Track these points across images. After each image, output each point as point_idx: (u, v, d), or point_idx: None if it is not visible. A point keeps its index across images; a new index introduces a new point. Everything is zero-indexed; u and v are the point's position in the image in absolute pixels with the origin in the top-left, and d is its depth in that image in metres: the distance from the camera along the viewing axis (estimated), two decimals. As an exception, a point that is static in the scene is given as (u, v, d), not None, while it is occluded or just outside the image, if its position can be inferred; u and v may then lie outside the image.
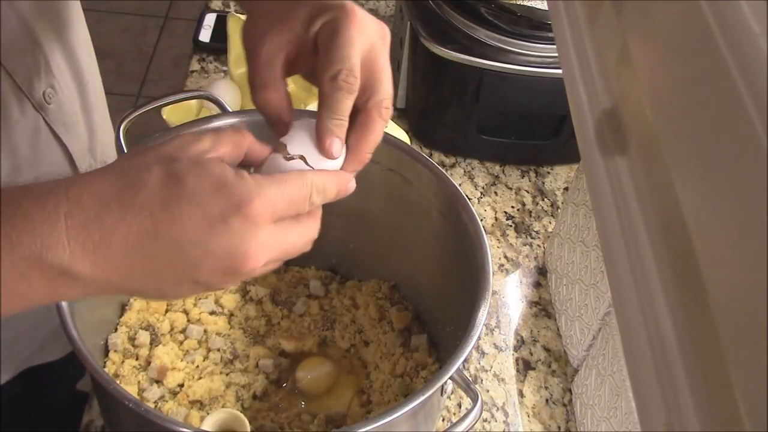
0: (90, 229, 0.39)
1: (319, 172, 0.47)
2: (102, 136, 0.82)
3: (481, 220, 0.96)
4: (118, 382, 0.65)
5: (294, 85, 0.95)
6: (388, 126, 0.51)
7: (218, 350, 0.73)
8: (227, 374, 0.72)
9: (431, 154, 1.04)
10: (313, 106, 0.91)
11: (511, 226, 0.98)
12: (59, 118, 0.73)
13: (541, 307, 0.90)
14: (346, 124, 0.48)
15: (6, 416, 0.87)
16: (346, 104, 0.48)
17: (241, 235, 0.41)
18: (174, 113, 0.90)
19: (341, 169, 0.49)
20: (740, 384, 0.24)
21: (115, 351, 0.71)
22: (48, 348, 0.86)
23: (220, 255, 0.41)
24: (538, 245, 0.96)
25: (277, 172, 0.46)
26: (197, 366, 0.72)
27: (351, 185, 0.49)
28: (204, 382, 0.70)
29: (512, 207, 1.00)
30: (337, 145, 0.48)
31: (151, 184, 0.41)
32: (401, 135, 0.84)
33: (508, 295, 0.91)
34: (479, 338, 0.85)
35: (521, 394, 0.82)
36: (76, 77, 0.77)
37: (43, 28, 0.70)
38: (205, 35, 1.14)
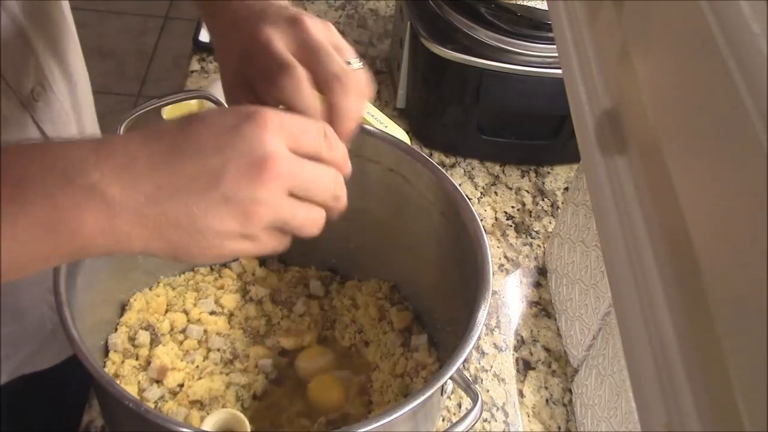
0: (117, 156, 0.43)
1: (325, 123, 0.49)
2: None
3: (481, 220, 0.96)
4: (118, 382, 0.65)
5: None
6: (359, 93, 0.51)
7: (218, 350, 0.73)
8: (227, 374, 0.72)
9: (431, 154, 1.04)
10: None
11: (511, 226, 0.98)
12: (47, 116, 0.73)
13: (541, 307, 0.90)
14: (313, 114, 0.50)
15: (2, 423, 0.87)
16: (302, 95, 0.50)
17: (255, 139, 0.43)
18: (174, 114, 0.90)
19: None
20: (740, 384, 0.24)
21: (115, 351, 0.71)
22: (41, 354, 0.86)
23: (239, 159, 0.43)
24: (538, 245, 0.96)
25: None
26: (197, 366, 0.72)
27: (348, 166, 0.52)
28: (204, 382, 0.70)
29: (512, 207, 1.00)
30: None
31: (172, 122, 0.46)
32: (401, 135, 0.84)
33: (508, 295, 0.91)
34: (479, 338, 0.85)
35: (521, 394, 0.82)
36: (65, 76, 0.77)
37: (33, 27, 0.71)
38: (205, 35, 1.14)
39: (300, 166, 0.45)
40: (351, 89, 0.50)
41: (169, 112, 0.90)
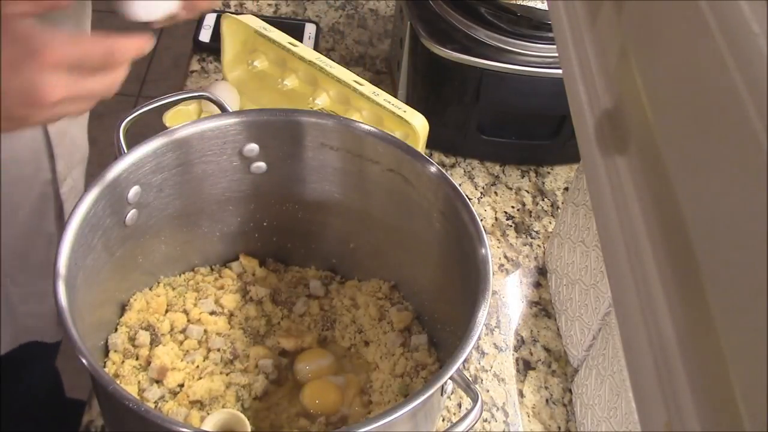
0: None
1: (118, 38, 0.54)
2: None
3: (481, 220, 0.96)
4: (118, 382, 0.65)
5: (298, 81, 0.95)
6: None
7: (218, 350, 0.73)
8: (227, 374, 0.72)
9: (431, 154, 1.04)
10: (320, 100, 0.91)
11: (511, 226, 0.98)
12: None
13: (541, 307, 0.90)
14: None
15: None
16: None
17: (30, 77, 0.50)
18: (175, 116, 0.90)
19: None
20: (740, 384, 0.24)
21: (115, 351, 0.70)
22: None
23: (15, 94, 0.50)
24: (538, 245, 0.96)
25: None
26: (197, 366, 0.72)
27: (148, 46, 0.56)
28: (204, 382, 0.70)
29: (512, 207, 1.00)
30: None
31: None
32: (420, 120, 0.83)
33: (508, 295, 0.91)
34: (479, 338, 0.85)
35: (521, 394, 0.82)
36: None
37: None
38: (205, 35, 1.14)
39: (75, 88, 0.52)
40: None
41: (170, 117, 0.90)
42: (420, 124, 0.83)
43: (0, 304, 0.86)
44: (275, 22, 0.95)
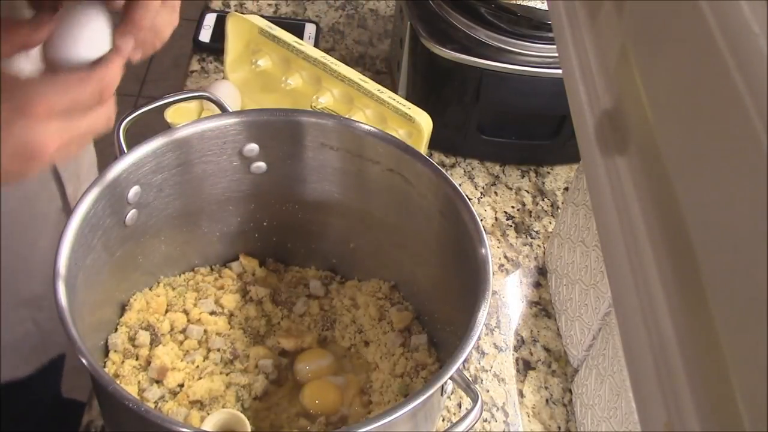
0: None
1: (103, 69, 0.51)
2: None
3: (481, 220, 0.96)
4: (118, 382, 0.65)
5: (301, 80, 0.95)
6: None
7: (218, 350, 0.73)
8: (227, 374, 0.72)
9: (431, 154, 1.04)
10: (324, 99, 0.91)
11: (511, 226, 0.98)
12: None
13: (541, 307, 0.90)
14: None
15: None
16: None
17: (21, 134, 0.46)
18: (176, 114, 0.90)
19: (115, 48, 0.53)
20: (740, 384, 0.24)
21: (115, 351, 0.70)
22: (17, 361, 0.86)
23: (8, 152, 0.47)
24: (538, 245, 0.96)
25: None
26: (197, 366, 0.72)
27: (134, 56, 0.54)
28: (204, 382, 0.70)
29: (512, 207, 1.00)
30: None
31: None
32: (424, 117, 0.83)
33: (508, 295, 0.91)
34: (479, 338, 0.85)
35: (521, 394, 0.82)
36: None
37: None
38: (205, 35, 1.14)
39: (70, 132, 0.48)
40: None
41: (171, 113, 0.90)
42: (424, 121, 0.83)
43: (30, 334, 0.86)
44: (275, 22, 0.95)
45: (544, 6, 0.91)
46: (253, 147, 0.72)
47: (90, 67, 0.51)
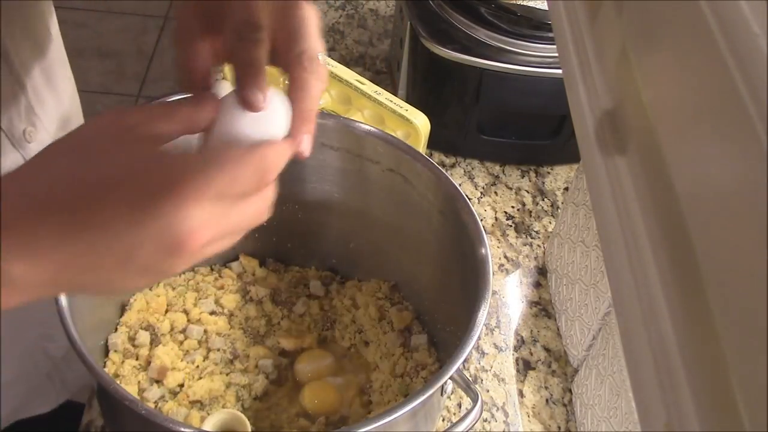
0: (15, 229, 0.37)
1: (267, 147, 0.43)
2: None
3: (481, 220, 0.96)
4: (118, 382, 0.65)
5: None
6: (324, 78, 0.48)
7: (218, 350, 0.73)
8: (227, 374, 0.72)
9: (431, 154, 1.04)
10: (322, 100, 0.91)
11: (511, 226, 0.98)
12: None
13: (541, 307, 0.90)
14: (259, 72, 0.46)
15: None
16: (255, 53, 0.46)
17: (172, 216, 0.38)
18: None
19: (290, 133, 0.46)
20: (740, 384, 0.24)
21: (115, 351, 0.71)
22: (37, 400, 0.85)
23: (155, 238, 0.38)
24: (538, 245, 0.96)
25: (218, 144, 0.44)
26: (197, 366, 0.72)
27: (304, 148, 0.46)
28: (204, 382, 0.70)
29: (512, 207, 1.00)
30: (257, 95, 0.45)
31: (65, 173, 0.39)
32: (422, 119, 0.83)
33: (508, 295, 0.91)
34: (479, 338, 0.85)
35: (521, 394, 0.82)
36: (59, 115, 0.76)
37: (25, 67, 0.69)
38: (205, 35, 1.14)
39: (225, 220, 0.40)
40: (320, 71, 0.48)
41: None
42: (422, 123, 0.83)
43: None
44: (275, 22, 0.95)
45: (544, 6, 0.91)
46: (253, 147, 0.72)
47: (253, 146, 0.43)
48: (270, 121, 0.45)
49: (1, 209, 0.37)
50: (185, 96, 0.46)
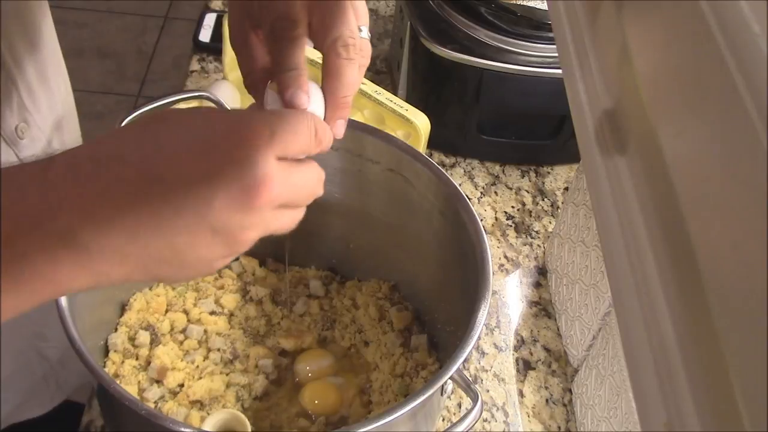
0: (83, 190, 0.37)
1: (314, 115, 0.46)
2: None
3: (481, 220, 0.96)
4: (118, 382, 0.65)
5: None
6: (361, 63, 0.49)
7: (218, 350, 0.73)
8: (227, 374, 0.72)
9: (431, 154, 1.04)
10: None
11: (511, 226, 0.98)
12: (32, 153, 0.72)
13: (541, 307, 0.90)
14: (300, 72, 0.47)
15: None
16: (292, 52, 0.47)
17: (245, 162, 0.39)
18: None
19: (325, 118, 0.48)
20: (740, 384, 0.24)
21: (115, 351, 0.71)
22: (32, 402, 0.85)
23: (228, 186, 0.38)
24: (538, 245, 0.96)
25: None
26: (197, 366, 0.72)
27: (338, 132, 0.48)
28: (204, 382, 0.70)
29: (512, 207, 1.00)
30: (299, 96, 0.46)
31: (133, 136, 0.40)
32: (422, 119, 0.83)
33: (508, 295, 0.91)
34: (479, 338, 0.85)
35: (521, 394, 0.82)
36: (52, 113, 0.76)
37: (18, 64, 0.69)
38: (205, 35, 1.14)
39: (290, 179, 0.41)
40: (357, 57, 0.48)
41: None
42: (422, 122, 0.83)
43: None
44: (275, 22, 0.95)
45: (544, 6, 0.91)
46: (253, 147, 0.72)
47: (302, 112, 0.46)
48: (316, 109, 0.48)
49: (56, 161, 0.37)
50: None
